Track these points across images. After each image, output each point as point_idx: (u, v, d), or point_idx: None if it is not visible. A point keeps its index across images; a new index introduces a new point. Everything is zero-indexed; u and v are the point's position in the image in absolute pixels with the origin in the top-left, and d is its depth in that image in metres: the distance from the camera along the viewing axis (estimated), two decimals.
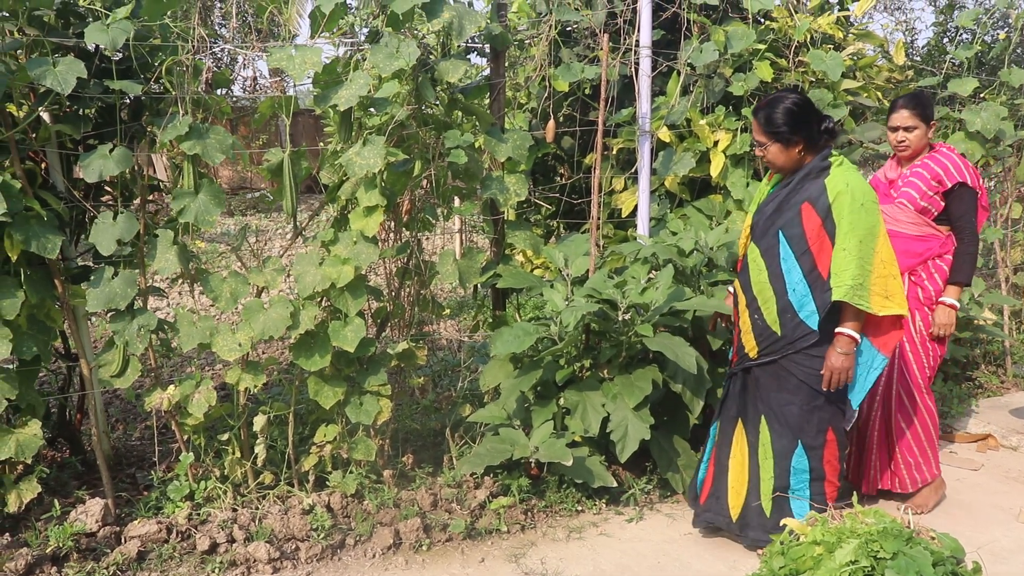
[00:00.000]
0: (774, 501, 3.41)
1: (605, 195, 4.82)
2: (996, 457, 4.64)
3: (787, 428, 3.35)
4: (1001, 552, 3.55)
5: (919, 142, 3.80)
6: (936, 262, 3.84)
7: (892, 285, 3.19)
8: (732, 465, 3.56)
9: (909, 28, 10.00)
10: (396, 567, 3.47)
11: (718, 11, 4.89)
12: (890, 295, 3.19)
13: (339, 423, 3.89)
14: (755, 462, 3.47)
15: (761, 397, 3.42)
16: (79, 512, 3.59)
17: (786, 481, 3.38)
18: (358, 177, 3.61)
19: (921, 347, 3.90)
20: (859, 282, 3.11)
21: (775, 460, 3.39)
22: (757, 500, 3.46)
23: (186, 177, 3.51)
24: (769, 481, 3.42)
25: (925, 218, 3.80)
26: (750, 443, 3.48)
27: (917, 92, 3.89)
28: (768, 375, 3.38)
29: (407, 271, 4.17)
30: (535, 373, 3.88)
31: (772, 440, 3.39)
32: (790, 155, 3.26)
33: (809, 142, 3.24)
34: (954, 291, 3.84)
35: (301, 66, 3.43)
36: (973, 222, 3.79)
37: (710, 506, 3.64)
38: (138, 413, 5.14)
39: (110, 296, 3.51)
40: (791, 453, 3.36)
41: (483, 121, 4.04)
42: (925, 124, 3.78)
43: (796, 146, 3.23)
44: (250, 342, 3.62)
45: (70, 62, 3.26)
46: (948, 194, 3.76)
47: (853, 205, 3.12)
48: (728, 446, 3.58)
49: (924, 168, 3.79)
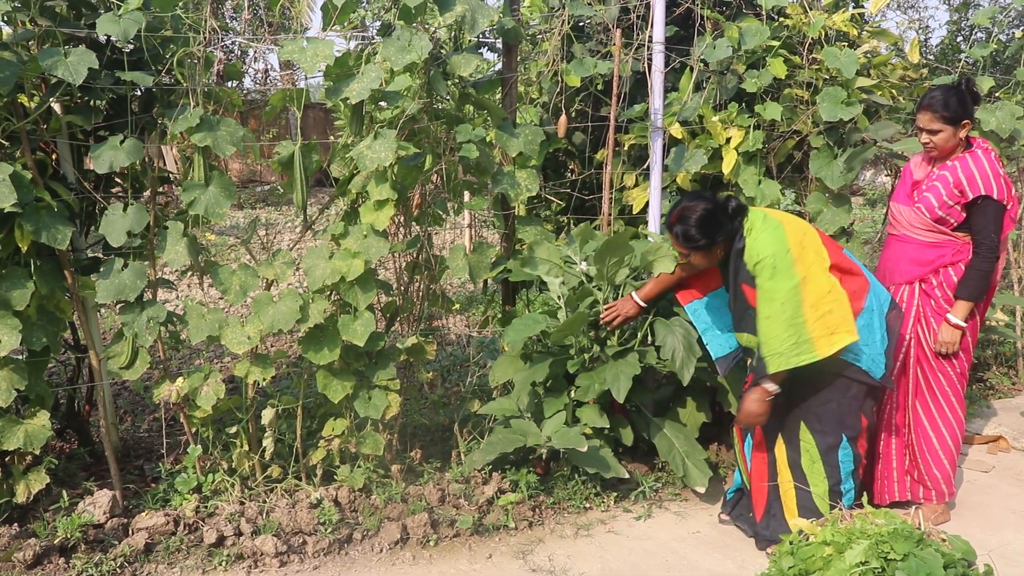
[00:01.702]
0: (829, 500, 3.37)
1: (616, 191, 4.80)
2: (1007, 459, 4.61)
3: (830, 424, 3.33)
4: (1013, 555, 3.53)
5: (946, 144, 3.55)
6: (948, 270, 3.64)
7: (832, 319, 3.14)
8: (782, 482, 3.48)
9: (923, 27, 9.93)
10: (403, 562, 3.47)
11: (732, 7, 4.85)
12: (835, 329, 3.14)
13: (347, 417, 3.88)
14: (799, 470, 3.41)
15: (795, 404, 3.38)
16: (87, 503, 3.60)
17: (838, 477, 3.37)
18: (369, 171, 3.59)
19: (934, 360, 3.76)
20: (792, 342, 3.12)
21: (824, 460, 3.36)
22: (809, 501, 3.39)
23: (196, 169, 3.50)
24: (822, 483, 3.37)
25: (942, 227, 3.60)
26: (790, 456, 3.42)
27: (945, 89, 3.57)
28: (800, 382, 3.32)
29: (417, 265, 4.16)
30: (547, 364, 3.88)
31: (816, 441, 3.35)
32: (713, 256, 3.38)
33: (727, 237, 3.32)
34: (962, 308, 3.61)
35: (313, 59, 3.42)
36: (993, 238, 3.53)
37: (768, 522, 3.54)
38: (146, 405, 5.14)
39: (120, 288, 3.51)
40: (837, 447, 3.35)
41: (495, 116, 4.02)
42: (952, 126, 3.51)
43: (717, 248, 3.34)
44: (259, 335, 3.62)
45: (82, 53, 3.25)
46: (970, 206, 3.53)
47: (766, 274, 3.18)
48: (772, 463, 3.51)
49: (950, 173, 3.55)
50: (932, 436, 3.82)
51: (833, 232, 4.49)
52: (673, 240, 3.39)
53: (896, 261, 3.79)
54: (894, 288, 3.78)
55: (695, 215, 3.26)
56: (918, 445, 3.84)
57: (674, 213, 3.34)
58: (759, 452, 3.54)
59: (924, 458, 3.83)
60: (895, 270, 3.80)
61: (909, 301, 3.76)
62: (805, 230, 3.29)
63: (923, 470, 3.84)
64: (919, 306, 3.74)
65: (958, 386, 3.80)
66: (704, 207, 3.27)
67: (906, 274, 3.74)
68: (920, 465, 3.85)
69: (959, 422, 3.82)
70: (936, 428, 3.82)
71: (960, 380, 3.80)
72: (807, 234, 3.27)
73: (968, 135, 3.61)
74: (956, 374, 3.77)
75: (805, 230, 3.29)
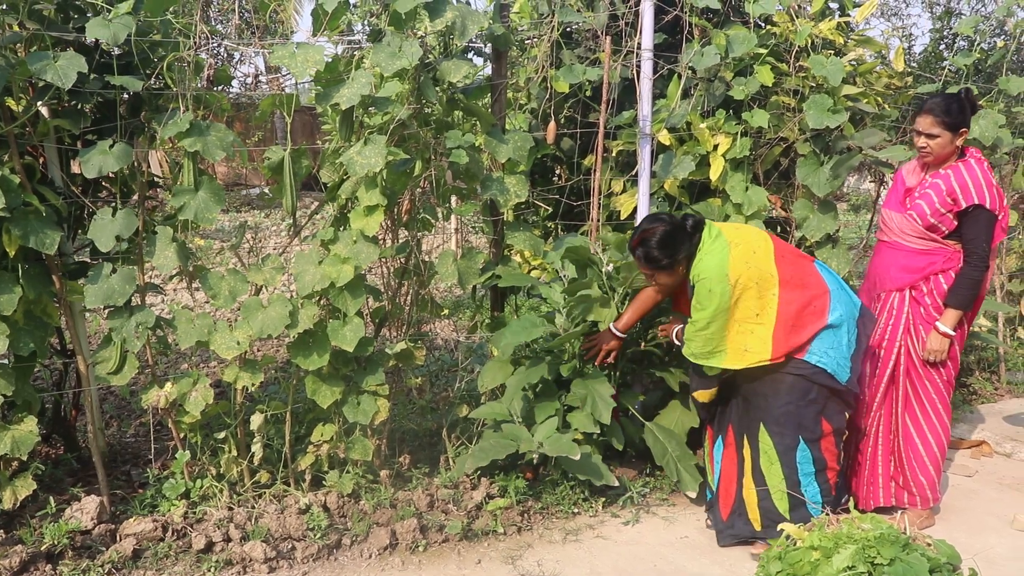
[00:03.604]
0: (789, 499, 3.47)
1: (604, 197, 4.82)
2: (990, 464, 4.66)
3: (787, 427, 3.44)
4: (997, 559, 3.57)
5: (942, 150, 3.57)
6: (938, 277, 3.65)
7: (751, 339, 3.37)
8: (745, 483, 3.60)
9: (906, 34, 10.02)
10: (392, 568, 3.47)
11: (720, 15, 4.88)
12: (749, 348, 3.37)
13: (336, 422, 3.88)
14: (759, 471, 3.52)
15: (756, 406, 3.50)
16: (74, 509, 3.58)
17: (796, 478, 3.46)
18: (359, 176, 3.60)
19: (922, 368, 3.78)
20: (709, 348, 3.40)
21: (781, 461, 3.46)
22: (767, 499, 3.51)
23: (186, 174, 3.49)
24: (780, 484, 3.48)
25: (933, 234, 3.62)
26: (752, 457, 3.55)
27: (947, 96, 3.62)
28: (761, 385, 3.48)
29: (406, 271, 4.16)
30: (540, 368, 3.90)
31: (774, 443, 3.46)
32: (676, 274, 3.51)
33: (688, 254, 3.45)
34: (951, 316, 3.62)
35: (303, 64, 3.41)
36: (984, 247, 3.54)
37: (734, 522, 3.65)
38: (133, 410, 5.12)
39: (108, 293, 3.49)
40: (795, 449, 3.44)
41: (484, 122, 4.03)
42: (951, 132, 3.53)
43: (679, 267, 3.48)
44: (248, 340, 3.61)
45: (71, 57, 3.24)
46: (963, 214, 3.55)
47: (703, 292, 3.36)
48: (735, 464, 3.64)
49: (943, 181, 3.57)
50: (918, 442, 3.85)
51: (819, 238, 4.53)
52: (637, 262, 3.55)
53: (886, 268, 3.80)
54: (884, 295, 3.80)
55: (655, 237, 3.42)
56: (904, 451, 3.87)
57: (635, 237, 3.51)
58: (729, 452, 3.65)
59: (910, 464, 3.86)
60: (885, 277, 3.81)
61: (899, 309, 3.76)
62: (755, 249, 3.40)
63: (908, 476, 3.86)
64: (909, 314, 3.75)
65: (944, 393, 3.82)
66: (663, 228, 3.43)
67: (896, 281, 3.75)
68: (906, 471, 3.87)
69: (945, 429, 3.85)
70: (922, 435, 3.84)
71: (947, 387, 3.82)
72: (757, 252, 3.39)
73: (963, 145, 3.63)
74: (943, 381, 3.79)
75: (755, 249, 3.40)
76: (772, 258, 3.39)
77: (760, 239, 3.46)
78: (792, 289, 3.37)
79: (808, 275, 3.46)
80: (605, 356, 3.90)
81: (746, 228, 3.56)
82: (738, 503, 3.62)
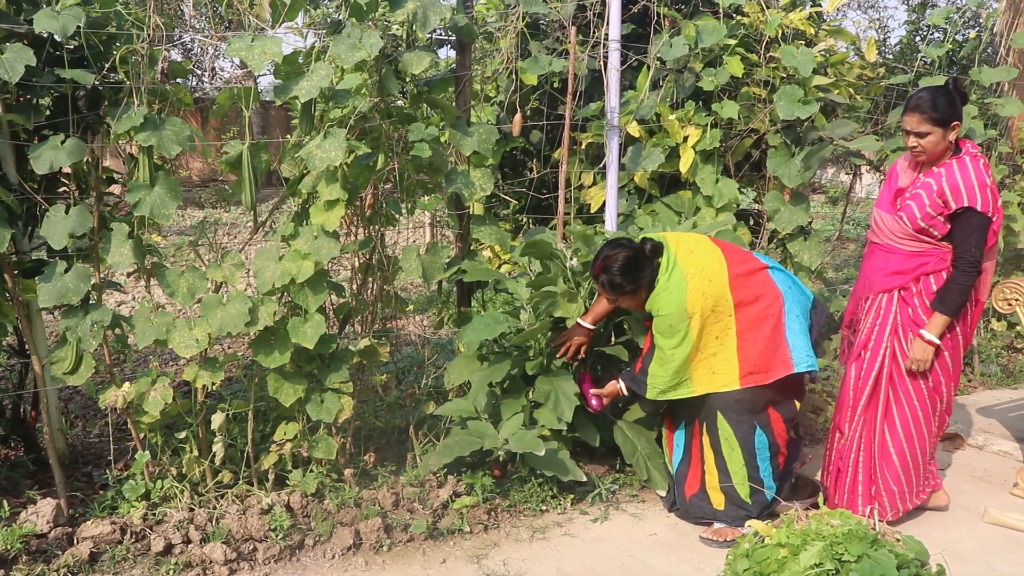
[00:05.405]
0: (750, 485, 3.58)
1: (574, 190, 4.77)
2: (962, 456, 4.64)
3: (743, 414, 3.53)
4: (966, 552, 3.54)
5: (934, 147, 3.37)
6: (929, 278, 3.47)
7: (716, 361, 3.48)
8: (707, 468, 3.69)
9: (882, 26, 10.02)
10: (356, 568, 3.41)
11: (689, 5, 4.84)
12: (716, 370, 3.48)
13: (300, 421, 3.82)
14: (720, 456, 3.61)
15: (712, 396, 3.56)
16: (29, 513, 3.49)
17: (755, 464, 3.57)
18: (319, 170, 3.53)
19: (907, 375, 3.60)
20: (676, 382, 3.50)
21: (742, 448, 3.55)
22: (729, 482, 3.60)
23: (141, 169, 3.41)
24: (741, 469, 3.57)
25: (925, 237, 3.43)
26: (712, 443, 3.63)
27: (932, 90, 3.40)
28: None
29: (370, 266, 4.10)
30: (505, 364, 3.86)
31: (733, 430, 3.55)
32: (639, 298, 3.58)
33: (650, 280, 3.52)
34: (937, 323, 3.43)
35: (260, 56, 3.34)
36: (974, 252, 3.35)
37: (696, 502, 3.74)
38: (98, 410, 5.04)
39: (62, 291, 3.40)
40: (752, 434, 3.55)
41: (448, 114, 3.97)
42: (941, 128, 3.33)
43: (642, 291, 3.54)
44: (208, 338, 3.53)
45: (19, 49, 3.15)
46: (953, 217, 3.36)
47: (663, 328, 3.46)
48: (699, 449, 3.71)
49: (934, 180, 3.38)
50: (893, 453, 3.68)
51: (791, 231, 4.50)
52: (600, 289, 3.60)
53: (877, 271, 3.62)
54: (872, 296, 3.65)
55: (617, 264, 3.47)
56: (879, 460, 3.71)
57: (597, 264, 3.54)
58: (695, 439, 3.72)
59: (883, 474, 3.70)
60: (875, 280, 3.62)
61: (887, 309, 3.59)
62: (711, 277, 3.45)
63: (880, 485, 3.71)
64: (897, 314, 3.57)
65: (928, 404, 3.64)
66: (624, 254, 3.48)
67: (886, 283, 3.58)
68: (879, 480, 3.71)
69: (923, 441, 3.69)
70: (898, 445, 3.67)
71: (932, 397, 3.63)
72: (712, 280, 3.44)
73: (957, 138, 3.43)
74: (928, 388, 3.61)
75: (711, 277, 3.45)
76: (727, 282, 3.45)
77: (714, 262, 3.49)
78: (747, 307, 3.48)
79: (761, 285, 3.53)
80: (576, 351, 3.86)
81: (700, 248, 3.55)
82: (701, 485, 3.71)
